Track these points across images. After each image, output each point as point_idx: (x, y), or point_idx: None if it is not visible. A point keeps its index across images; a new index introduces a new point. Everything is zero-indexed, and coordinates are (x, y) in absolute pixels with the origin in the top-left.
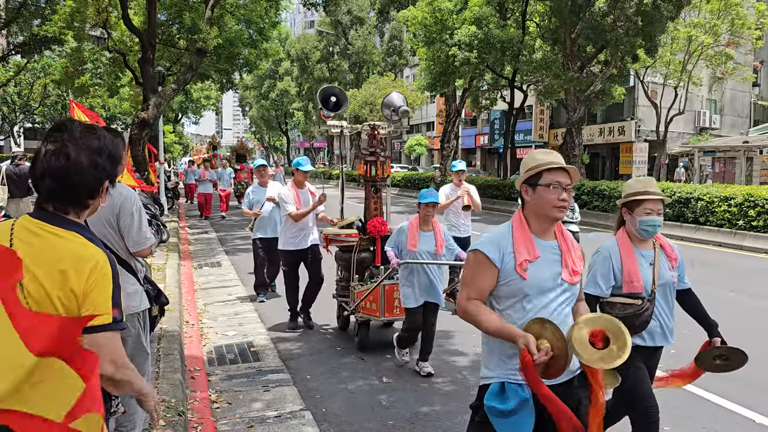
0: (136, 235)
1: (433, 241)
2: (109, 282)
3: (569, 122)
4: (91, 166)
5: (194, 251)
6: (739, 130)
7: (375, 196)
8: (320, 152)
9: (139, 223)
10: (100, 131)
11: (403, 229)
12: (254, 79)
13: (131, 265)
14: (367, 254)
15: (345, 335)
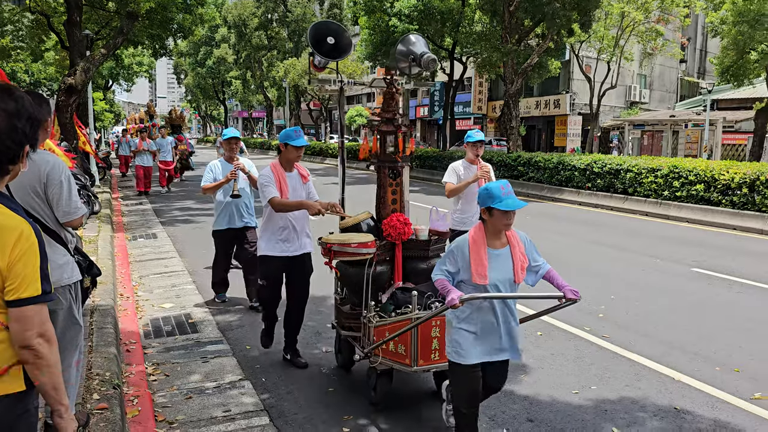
0: (65, 205)
1: (510, 263)
2: (36, 253)
3: (507, 95)
4: (9, 129)
5: (128, 223)
6: (666, 104)
7: (393, 183)
8: (259, 122)
9: (69, 192)
10: (18, 92)
11: (460, 246)
12: (189, 46)
13: (61, 236)
14: (383, 267)
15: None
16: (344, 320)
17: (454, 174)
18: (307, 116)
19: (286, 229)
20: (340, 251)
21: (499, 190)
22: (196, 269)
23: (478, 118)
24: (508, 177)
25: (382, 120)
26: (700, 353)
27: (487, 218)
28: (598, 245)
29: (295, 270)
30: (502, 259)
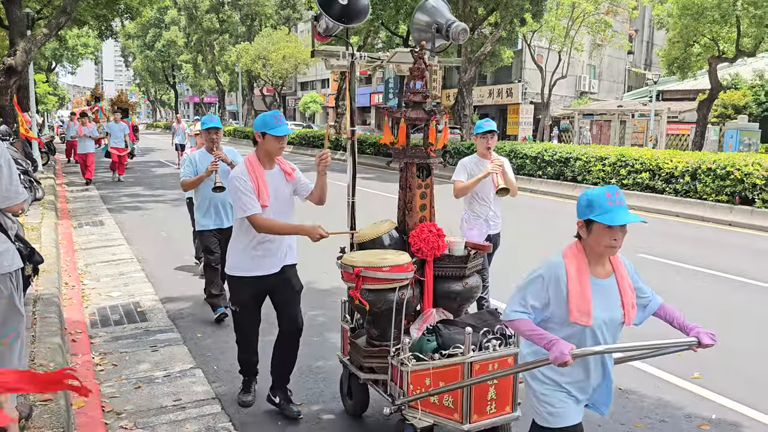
0: (5, 190)
1: (617, 298)
2: None
3: (460, 83)
4: None
5: (74, 210)
6: (615, 95)
7: (423, 184)
8: (211, 107)
9: (9, 176)
10: None
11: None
12: (137, 28)
13: (1, 223)
14: (411, 291)
15: None
16: (361, 359)
17: (464, 171)
18: (260, 102)
19: (265, 241)
20: (370, 276)
21: (604, 198)
22: (145, 257)
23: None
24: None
25: (408, 104)
26: (644, 336)
27: (585, 235)
28: (549, 232)
29: (280, 289)
30: (607, 292)
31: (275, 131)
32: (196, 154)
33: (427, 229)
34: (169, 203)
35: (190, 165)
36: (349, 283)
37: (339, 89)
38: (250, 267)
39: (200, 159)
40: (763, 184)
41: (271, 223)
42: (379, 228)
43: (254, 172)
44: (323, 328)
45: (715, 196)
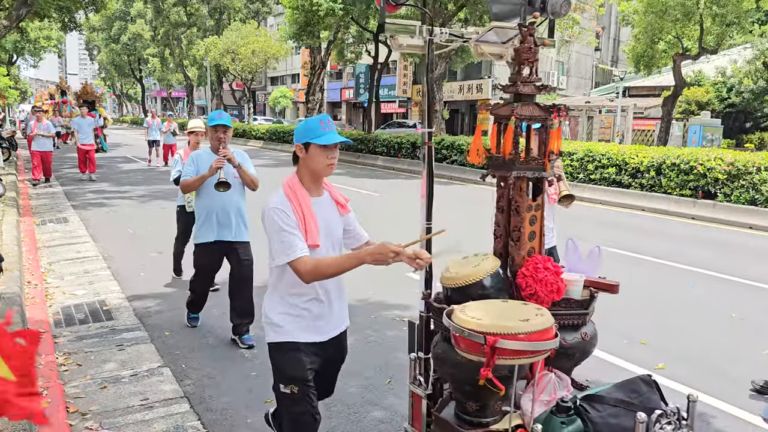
0: None
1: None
2: None
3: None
4: None
5: (36, 206)
6: (582, 90)
7: (533, 205)
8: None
9: None
10: None
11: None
12: (102, 20)
13: None
14: None
15: None
16: None
17: None
18: (229, 97)
19: (315, 300)
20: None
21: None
22: (111, 254)
23: (402, 101)
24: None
25: (513, 96)
26: (610, 328)
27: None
28: None
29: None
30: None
31: (322, 139)
32: (199, 152)
33: (542, 266)
34: (135, 200)
35: (192, 164)
36: (475, 357)
37: (309, 84)
38: (305, 330)
39: (204, 158)
40: (724, 179)
41: (324, 264)
42: (480, 267)
43: (298, 201)
44: None
45: (679, 191)
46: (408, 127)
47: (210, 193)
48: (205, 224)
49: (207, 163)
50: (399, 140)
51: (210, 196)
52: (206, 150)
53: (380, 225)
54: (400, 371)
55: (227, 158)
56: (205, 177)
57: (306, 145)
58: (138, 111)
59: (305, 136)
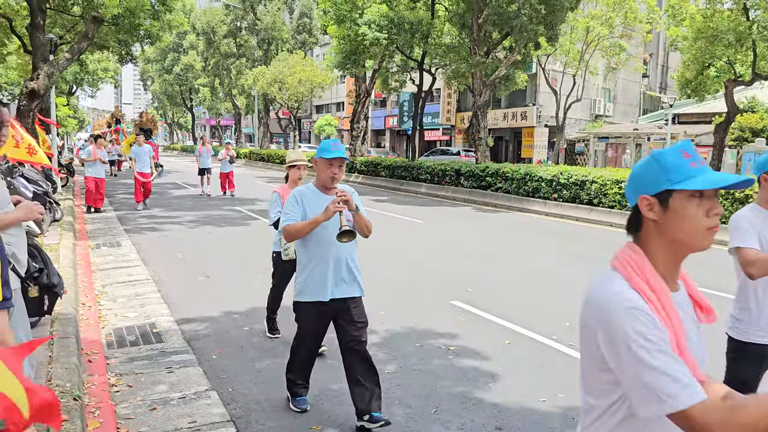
0: None
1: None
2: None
3: (475, 106)
4: None
5: (91, 231)
6: (630, 118)
7: None
8: (227, 130)
9: None
10: None
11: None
12: (157, 52)
13: None
14: None
15: (255, 313)
16: None
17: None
18: (276, 125)
19: None
20: None
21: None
22: (161, 278)
23: (446, 128)
24: (477, 188)
25: None
26: None
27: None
28: (566, 255)
29: None
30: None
31: None
32: (302, 190)
33: None
34: (185, 225)
35: (296, 205)
36: None
37: (354, 112)
38: None
39: (310, 198)
40: None
41: None
42: None
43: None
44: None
45: None
46: (452, 155)
47: (323, 241)
48: (314, 278)
49: (316, 204)
50: (443, 167)
51: (323, 244)
52: (310, 187)
53: (423, 252)
54: (446, 401)
55: (345, 201)
56: (318, 222)
57: None
58: (188, 138)
59: None
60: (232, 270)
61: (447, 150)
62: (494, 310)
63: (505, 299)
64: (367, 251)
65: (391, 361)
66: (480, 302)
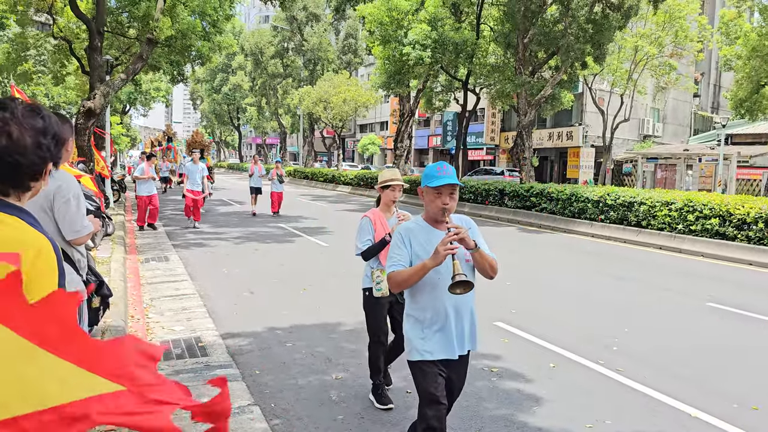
0: (72, 223)
1: None
2: (55, 269)
3: (520, 126)
4: (35, 146)
5: (141, 245)
6: (680, 138)
7: None
8: (272, 148)
9: (77, 210)
10: (45, 111)
11: None
12: (206, 73)
13: (69, 254)
14: None
15: (298, 330)
16: None
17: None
18: (320, 143)
19: None
20: None
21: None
22: (207, 293)
23: (490, 148)
24: (521, 208)
25: None
26: (716, 389)
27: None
28: (612, 278)
29: None
30: None
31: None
32: (410, 226)
33: None
34: (231, 241)
35: (402, 247)
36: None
37: (398, 131)
38: None
39: (419, 236)
40: None
41: None
42: None
43: None
44: None
45: None
46: (495, 174)
47: (437, 289)
48: (429, 333)
49: (427, 242)
50: (486, 187)
51: (436, 292)
52: (419, 222)
53: None
54: (489, 423)
55: (460, 237)
56: (427, 268)
57: None
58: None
59: None
60: (276, 286)
61: (491, 169)
62: (539, 332)
63: (549, 321)
64: None
65: None
66: (524, 324)
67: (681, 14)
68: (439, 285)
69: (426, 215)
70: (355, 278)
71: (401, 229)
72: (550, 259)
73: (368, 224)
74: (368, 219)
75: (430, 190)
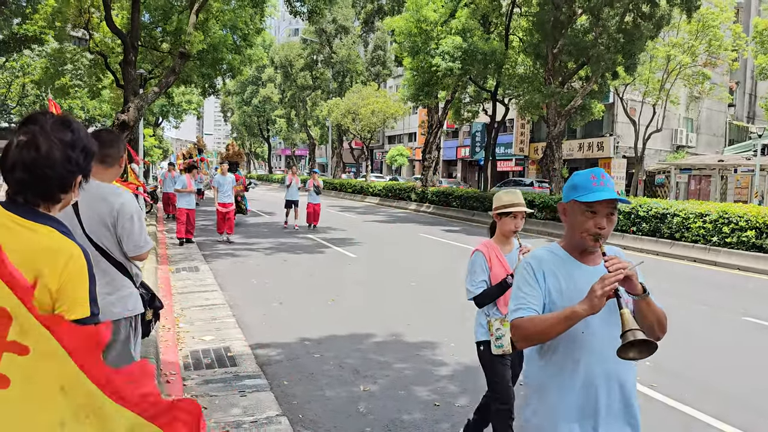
0: (136, 239)
1: None
2: (85, 275)
3: (549, 136)
4: (63, 159)
5: (172, 255)
6: (714, 148)
7: None
8: (301, 160)
9: (140, 227)
10: (75, 124)
11: None
12: (237, 85)
13: (127, 269)
14: None
15: (326, 341)
16: None
17: None
18: (348, 155)
19: None
20: None
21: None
22: (236, 303)
23: (519, 159)
24: (551, 219)
25: None
26: (756, 407)
27: None
28: None
29: None
30: None
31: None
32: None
33: None
34: (261, 252)
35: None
36: None
37: (426, 142)
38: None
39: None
40: None
41: None
42: None
43: None
44: (408, 381)
45: None
46: (525, 186)
47: (584, 347)
48: (568, 402)
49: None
50: None
51: (583, 350)
52: (555, 251)
53: None
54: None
55: (626, 275)
56: (578, 316)
57: None
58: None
59: None
60: (305, 297)
61: (520, 181)
62: None
63: None
64: (438, 280)
65: (462, 394)
66: None
67: (715, 23)
68: (587, 341)
69: (567, 242)
70: (383, 289)
71: (530, 259)
72: None
73: (482, 261)
74: (481, 254)
75: (579, 207)
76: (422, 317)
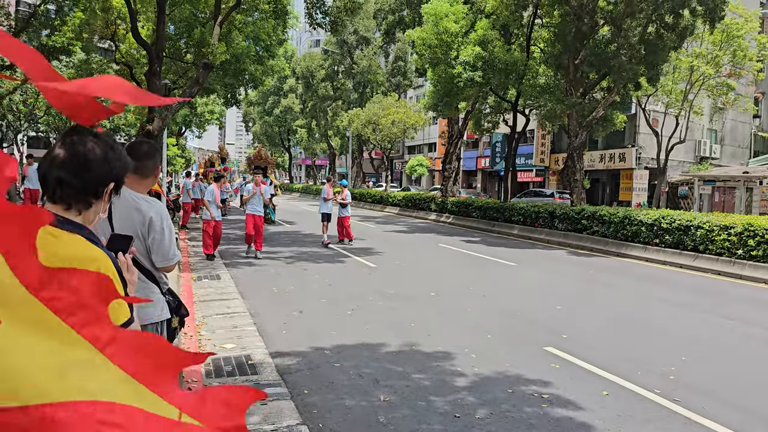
0: (165, 251)
1: None
2: (118, 282)
3: (570, 147)
4: (103, 158)
5: (194, 263)
6: (739, 160)
7: None
8: (321, 170)
9: (170, 240)
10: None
11: None
12: (259, 95)
13: (155, 276)
14: None
15: (346, 350)
16: None
17: None
18: (368, 164)
19: None
20: None
21: None
22: (257, 311)
23: (540, 170)
24: (572, 231)
25: None
26: None
27: None
28: (668, 303)
29: None
30: None
31: None
32: None
33: None
34: (282, 260)
35: None
36: None
37: (446, 153)
38: None
39: None
40: None
41: None
42: None
43: None
44: (428, 392)
45: None
46: (545, 196)
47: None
48: None
49: None
50: (536, 209)
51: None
52: None
53: (516, 295)
54: None
55: None
56: None
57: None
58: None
59: None
60: (325, 306)
61: (540, 191)
62: (590, 358)
63: (601, 347)
64: (458, 290)
65: (482, 406)
66: (575, 349)
67: (739, 33)
68: None
69: None
70: (403, 299)
71: None
72: (602, 283)
73: None
74: None
75: None
76: (442, 327)
